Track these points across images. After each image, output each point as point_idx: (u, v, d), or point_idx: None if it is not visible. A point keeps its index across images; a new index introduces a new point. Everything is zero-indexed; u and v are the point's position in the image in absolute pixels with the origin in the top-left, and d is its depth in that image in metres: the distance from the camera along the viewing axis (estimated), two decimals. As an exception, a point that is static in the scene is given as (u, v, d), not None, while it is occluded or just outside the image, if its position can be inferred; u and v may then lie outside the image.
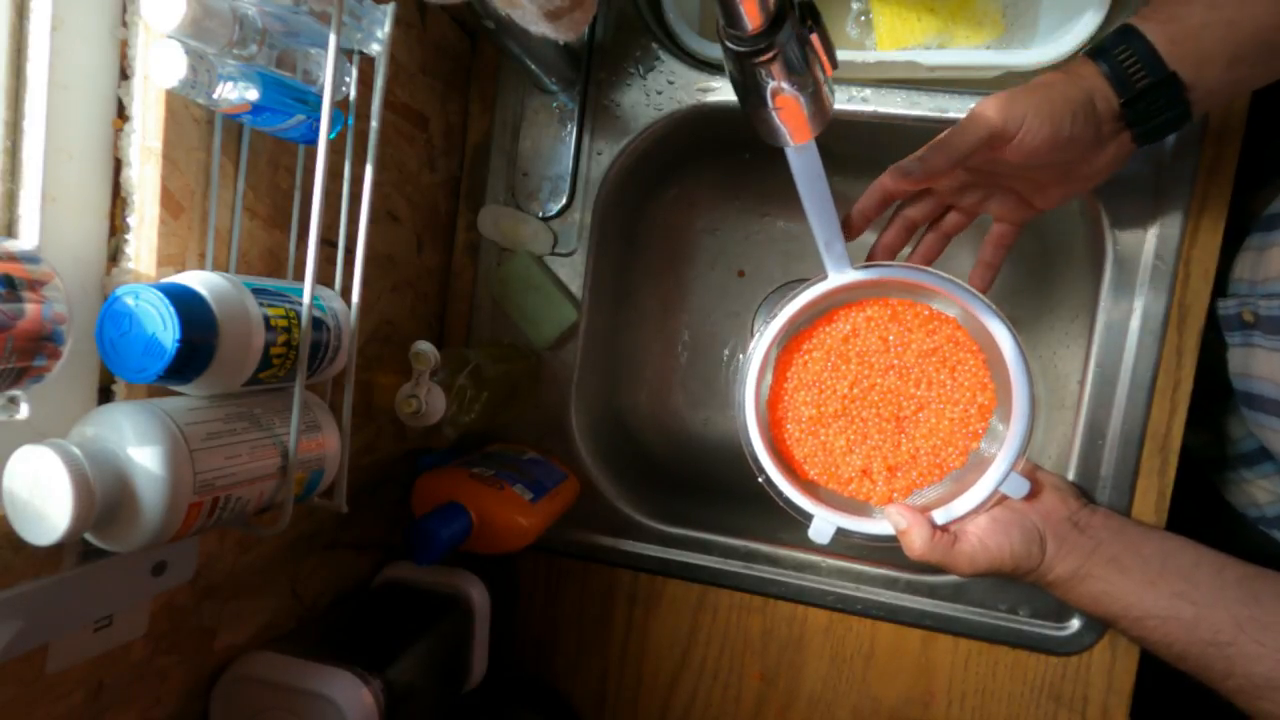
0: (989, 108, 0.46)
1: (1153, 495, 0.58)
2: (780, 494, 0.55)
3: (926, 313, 0.56)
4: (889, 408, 0.56)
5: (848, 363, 0.56)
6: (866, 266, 0.54)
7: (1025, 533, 0.53)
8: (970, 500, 0.53)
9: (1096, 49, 0.47)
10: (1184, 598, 0.50)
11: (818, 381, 0.57)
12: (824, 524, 0.54)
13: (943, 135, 0.48)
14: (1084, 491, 0.59)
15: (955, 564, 0.53)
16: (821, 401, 0.57)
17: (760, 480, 0.55)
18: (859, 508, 0.57)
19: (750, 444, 0.55)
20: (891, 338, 0.56)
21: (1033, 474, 0.57)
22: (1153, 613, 0.51)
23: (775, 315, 0.55)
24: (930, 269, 0.53)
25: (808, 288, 0.54)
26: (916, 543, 0.52)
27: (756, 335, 0.56)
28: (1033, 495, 0.55)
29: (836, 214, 0.52)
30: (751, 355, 0.55)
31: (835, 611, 0.63)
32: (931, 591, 0.62)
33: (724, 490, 0.75)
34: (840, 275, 0.54)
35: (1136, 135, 0.47)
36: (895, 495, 0.56)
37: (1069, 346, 0.64)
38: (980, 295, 0.53)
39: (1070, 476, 0.60)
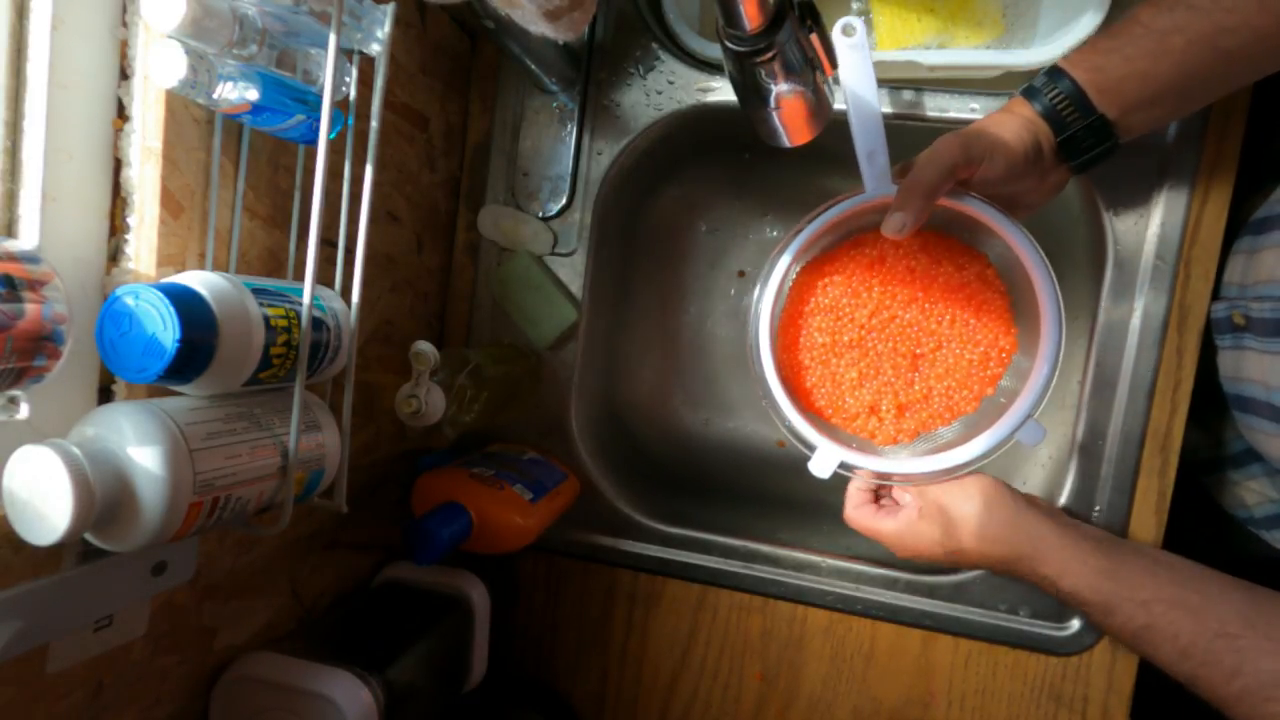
0: (952, 143, 0.48)
1: (1153, 496, 0.58)
2: (784, 419, 0.51)
3: (958, 246, 0.53)
4: (906, 343, 0.53)
5: (870, 290, 0.53)
6: None
7: (925, 510, 0.53)
8: (981, 444, 0.50)
9: (1030, 90, 0.50)
10: (1188, 587, 0.49)
11: (836, 307, 0.54)
12: (827, 456, 0.50)
13: (910, 176, 0.48)
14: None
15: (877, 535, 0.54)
16: (837, 329, 0.54)
17: (763, 403, 0.52)
18: (863, 445, 0.54)
19: (758, 363, 0.52)
20: (919, 268, 0.53)
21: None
22: (1160, 596, 0.49)
23: (803, 228, 0.51)
24: (979, 197, 0.50)
25: (842, 201, 0.50)
26: (847, 507, 0.54)
27: (779, 248, 0.52)
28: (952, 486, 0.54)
29: (882, 121, 0.49)
30: (772, 268, 0.52)
31: (835, 611, 0.63)
32: (931, 591, 0.62)
33: (724, 490, 0.75)
34: (879, 190, 0.50)
35: (1073, 166, 0.51)
36: (900, 436, 0.54)
37: (1069, 346, 0.64)
38: (1026, 232, 0.49)
39: (1070, 476, 0.60)
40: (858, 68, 0.48)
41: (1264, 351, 0.53)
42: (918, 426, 0.54)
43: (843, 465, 0.51)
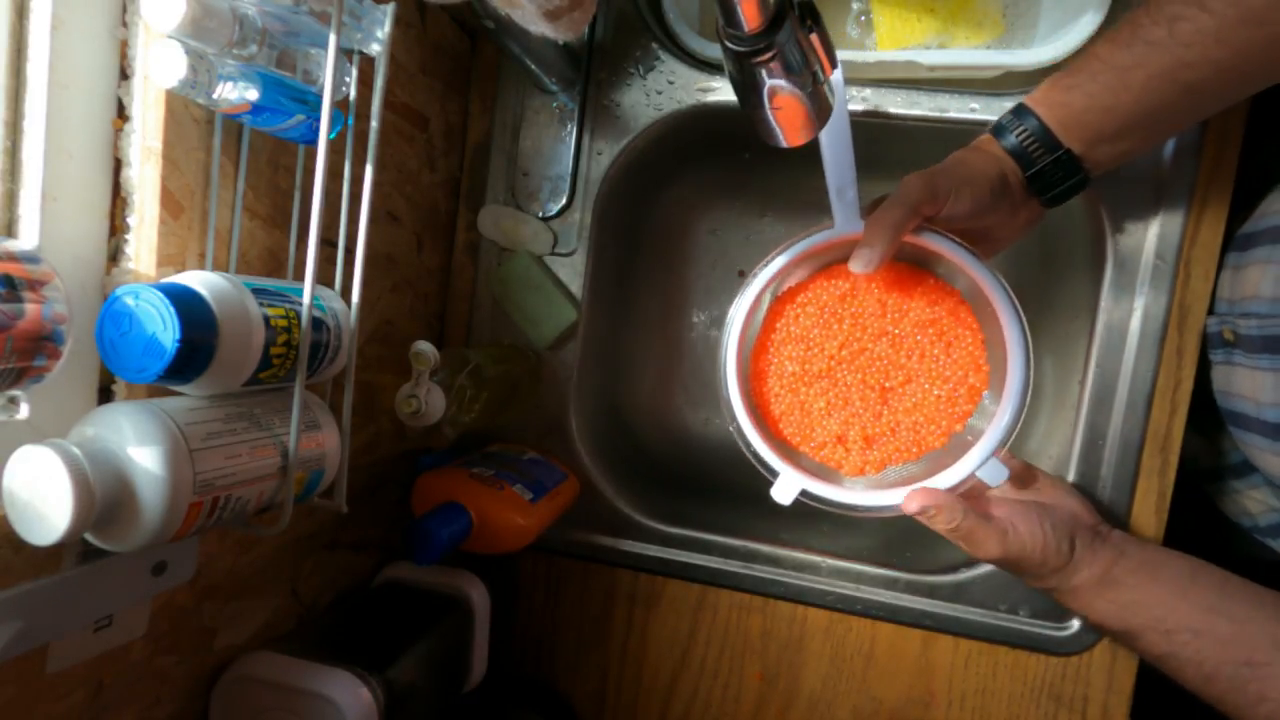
0: (917, 182, 0.48)
1: (1153, 496, 0.58)
2: (748, 445, 0.52)
3: (931, 281, 0.54)
4: (875, 376, 0.54)
5: (840, 322, 0.54)
6: None
7: (1056, 525, 0.50)
8: (944, 481, 0.50)
9: (998, 128, 0.51)
10: (1219, 612, 0.48)
11: (806, 337, 0.54)
12: (789, 483, 0.51)
13: (876, 213, 0.49)
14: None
15: (985, 541, 0.49)
16: (807, 358, 0.54)
17: (731, 428, 0.53)
18: (829, 474, 0.54)
19: (726, 389, 0.53)
20: (890, 302, 0.54)
21: (1055, 482, 0.55)
22: (1187, 625, 0.48)
23: (773, 259, 0.52)
24: (946, 233, 0.50)
25: (811, 234, 0.51)
26: (944, 516, 0.48)
27: (750, 277, 0.53)
28: (1055, 498, 0.53)
29: (854, 159, 0.50)
30: (741, 297, 0.53)
31: (835, 611, 0.63)
32: (931, 591, 0.62)
33: (724, 490, 0.75)
34: (848, 226, 0.51)
35: (1044, 200, 0.51)
36: (867, 468, 0.54)
37: (1069, 346, 0.64)
38: (992, 269, 0.50)
39: (1070, 477, 0.60)
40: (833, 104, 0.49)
41: (1252, 368, 0.53)
42: (884, 459, 0.54)
43: (804, 493, 0.52)
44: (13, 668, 0.35)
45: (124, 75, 0.38)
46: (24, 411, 0.35)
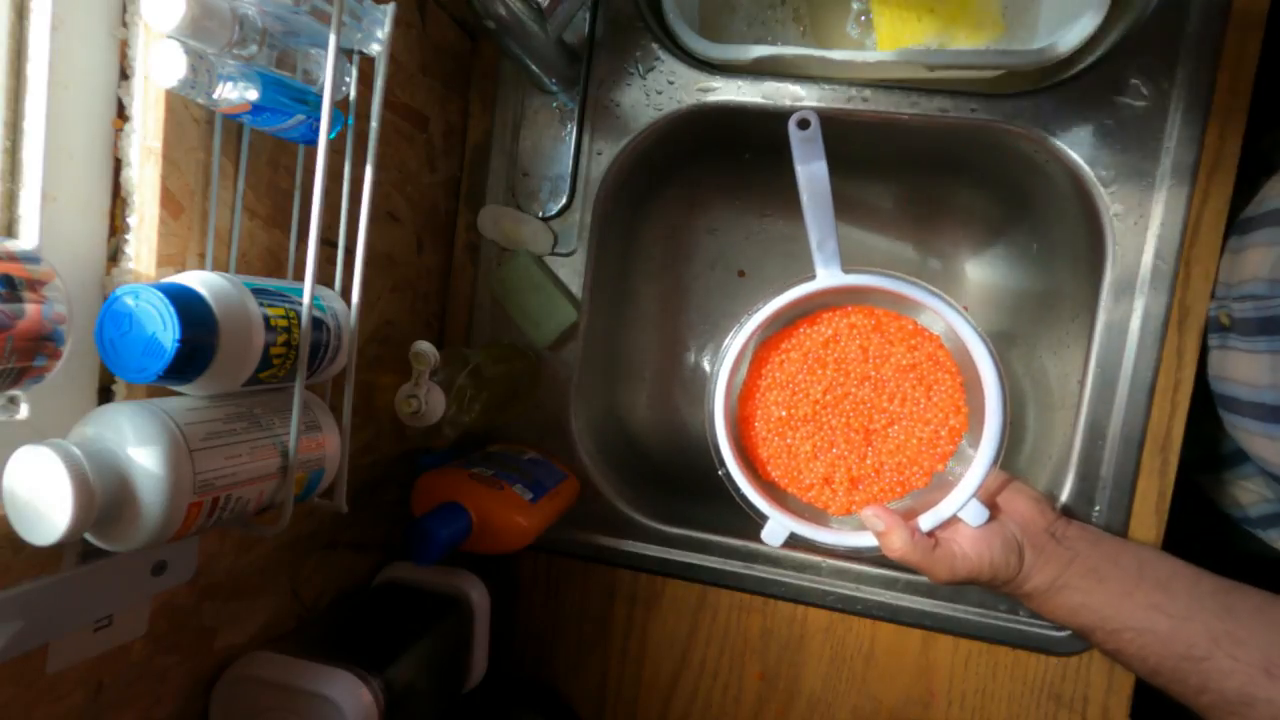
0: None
1: (1153, 496, 0.58)
2: (738, 490, 0.55)
3: (911, 327, 0.56)
4: (859, 419, 0.56)
5: (824, 367, 0.56)
6: (856, 271, 0.53)
7: (1005, 542, 0.53)
8: (928, 521, 0.53)
9: None
10: (1160, 610, 0.50)
11: (792, 382, 0.56)
12: (778, 527, 0.54)
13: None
14: (1055, 501, 0.59)
15: (934, 568, 0.53)
16: (793, 403, 0.56)
17: (720, 473, 0.55)
18: (817, 515, 0.57)
19: (714, 435, 0.55)
20: (872, 348, 0.56)
21: (1007, 484, 0.56)
22: (1129, 625, 0.51)
23: (758, 309, 0.54)
24: (921, 282, 0.53)
25: (794, 286, 0.54)
26: (896, 542, 0.52)
27: (737, 326, 0.55)
28: (1008, 506, 0.55)
29: (833, 213, 0.52)
30: (729, 346, 0.55)
31: (835, 611, 0.63)
32: (931, 592, 0.62)
33: (724, 490, 0.75)
34: (829, 277, 0.53)
35: None
36: (853, 507, 0.56)
37: (1069, 346, 0.64)
38: (967, 315, 0.52)
39: (1070, 477, 0.60)
40: (812, 160, 0.50)
41: (1247, 351, 0.53)
42: (869, 499, 0.56)
43: (793, 536, 0.54)
44: (13, 668, 0.35)
45: (124, 75, 0.38)
46: (24, 411, 0.35)
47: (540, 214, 0.66)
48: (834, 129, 0.49)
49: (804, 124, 0.51)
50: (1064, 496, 0.60)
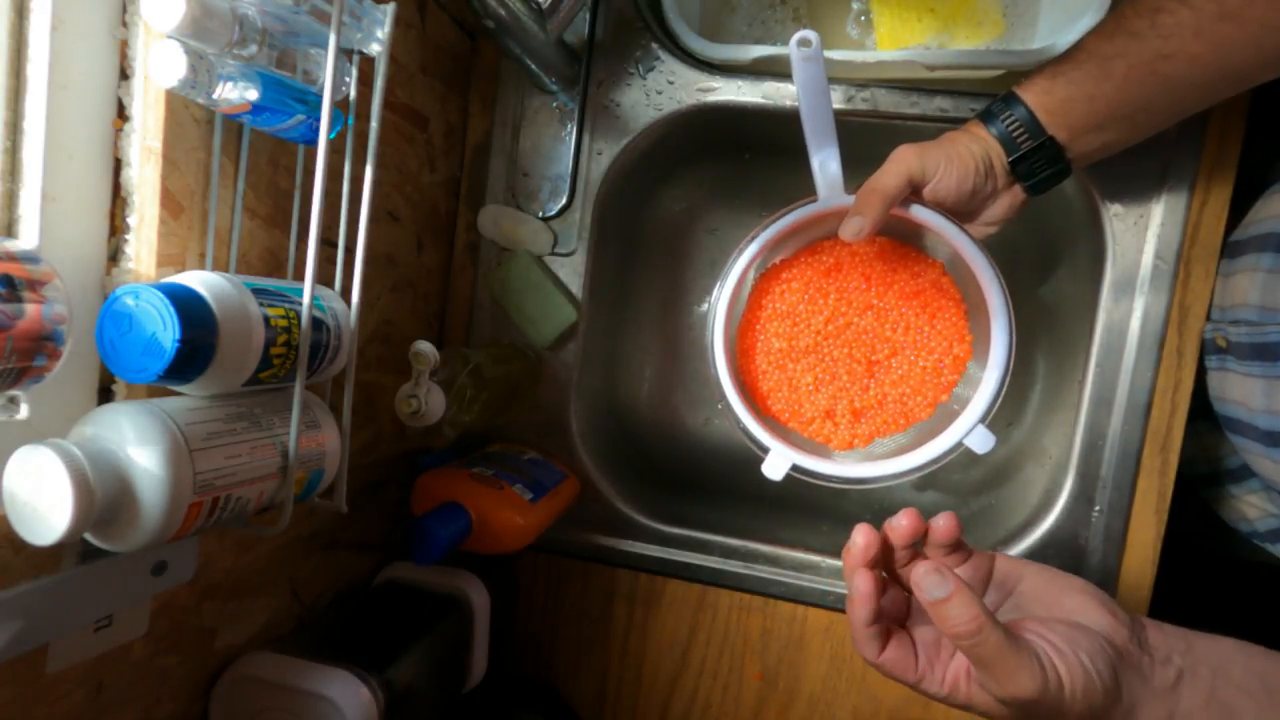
0: (909, 154, 0.49)
1: (1153, 496, 0.58)
2: (738, 421, 0.52)
3: (914, 254, 0.54)
4: (862, 349, 0.54)
5: (826, 297, 0.54)
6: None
7: (1094, 654, 0.34)
8: (930, 451, 0.49)
9: (986, 113, 0.51)
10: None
11: (793, 313, 0.55)
12: (779, 459, 0.51)
13: (869, 182, 0.49)
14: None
15: (1015, 672, 0.32)
16: (794, 334, 0.55)
17: (720, 405, 0.53)
18: (818, 449, 0.55)
19: (715, 366, 0.53)
20: (874, 276, 0.54)
21: (1054, 580, 0.39)
22: None
23: (757, 235, 0.52)
24: (929, 205, 0.50)
25: (796, 208, 0.51)
26: (959, 609, 0.32)
27: (737, 251, 0.53)
28: (1067, 603, 0.37)
29: (835, 131, 0.50)
30: (727, 274, 0.52)
31: (835, 611, 0.63)
32: (931, 591, 0.62)
33: (724, 490, 0.75)
34: (832, 198, 0.51)
35: (1026, 187, 0.51)
36: (856, 441, 0.54)
37: (1069, 347, 0.64)
38: (974, 237, 0.50)
39: (1070, 476, 0.60)
40: (813, 79, 0.49)
41: (1243, 374, 0.53)
42: (872, 431, 0.55)
43: (795, 468, 0.52)
44: (13, 668, 0.35)
45: (124, 75, 0.38)
46: (24, 411, 0.35)
47: (540, 214, 0.66)
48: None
49: (805, 42, 0.49)
50: (1064, 496, 0.60)
